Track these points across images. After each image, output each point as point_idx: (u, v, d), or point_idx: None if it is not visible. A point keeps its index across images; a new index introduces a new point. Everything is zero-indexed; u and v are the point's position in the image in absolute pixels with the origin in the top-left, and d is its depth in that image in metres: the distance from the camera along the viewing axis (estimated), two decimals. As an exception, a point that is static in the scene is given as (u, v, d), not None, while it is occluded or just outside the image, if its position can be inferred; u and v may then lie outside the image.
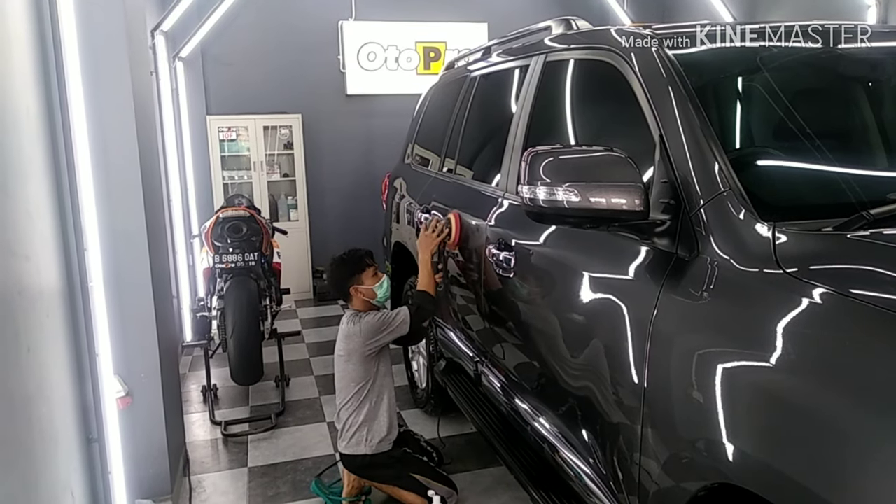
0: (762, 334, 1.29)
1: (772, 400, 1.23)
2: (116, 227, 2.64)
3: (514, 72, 2.90)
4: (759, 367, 1.27)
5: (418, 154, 4.25)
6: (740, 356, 1.31)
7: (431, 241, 2.96)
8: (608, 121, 2.22)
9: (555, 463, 2.14)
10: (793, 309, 1.28)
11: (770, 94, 1.79)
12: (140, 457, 2.80)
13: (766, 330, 1.29)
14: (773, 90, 1.78)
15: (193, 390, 4.40)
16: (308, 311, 6.32)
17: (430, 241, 2.96)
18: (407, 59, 6.79)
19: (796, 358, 1.21)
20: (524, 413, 2.38)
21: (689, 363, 1.44)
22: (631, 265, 1.76)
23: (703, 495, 1.38)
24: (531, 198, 1.73)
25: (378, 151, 6.76)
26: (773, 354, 1.24)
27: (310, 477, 3.23)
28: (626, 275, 1.77)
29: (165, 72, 5.16)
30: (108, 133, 2.61)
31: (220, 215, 4.24)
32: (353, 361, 2.87)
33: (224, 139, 6.46)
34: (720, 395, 1.34)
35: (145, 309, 2.81)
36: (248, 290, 4.01)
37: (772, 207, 1.50)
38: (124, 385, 2.75)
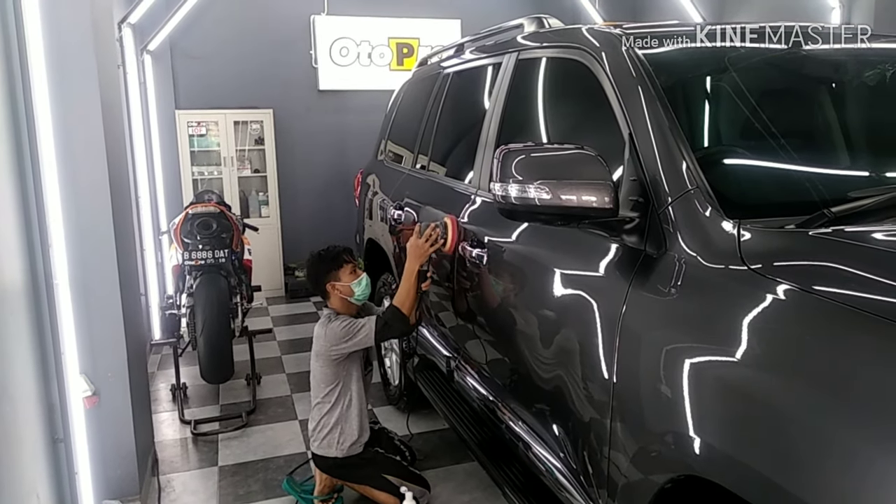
0: (727, 330, 1.32)
1: (736, 394, 1.26)
2: (82, 223, 2.59)
3: (486, 69, 2.91)
4: (725, 362, 1.30)
5: (391, 150, 4.24)
6: (706, 351, 1.34)
7: (423, 251, 2.67)
8: (579, 119, 2.24)
9: (527, 459, 2.15)
10: (757, 305, 1.30)
11: (737, 94, 1.83)
12: (107, 457, 2.76)
13: (730, 325, 1.32)
14: (740, 90, 1.82)
15: (162, 389, 4.34)
16: (280, 308, 6.27)
17: (423, 250, 2.67)
18: (380, 54, 6.77)
19: (760, 353, 1.24)
20: (496, 409, 2.39)
21: (657, 358, 1.46)
22: (600, 262, 1.78)
23: (669, 488, 1.41)
24: (503, 195, 1.74)
25: (351, 148, 6.73)
26: (738, 349, 1.27)
27: (281, 475, 3.20)
28: (596, 271, 1.79)
29: (133, 65, 5.07)
30: (74, 127, 2.55)
31: (189, 212, 4.18)
32: (320, 363, 2.85)
33: (194, 134, 6.37)
34: (686, 389, 1.37)
35: (112, 306, 2.76)
36: (219, 287, 3.96)
37: (737, 205, 1.53)
38: (90, 384, 2.70)
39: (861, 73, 2.09)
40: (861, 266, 1.22)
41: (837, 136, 1.95)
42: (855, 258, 1.26)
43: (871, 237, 1.35)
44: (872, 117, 2.08)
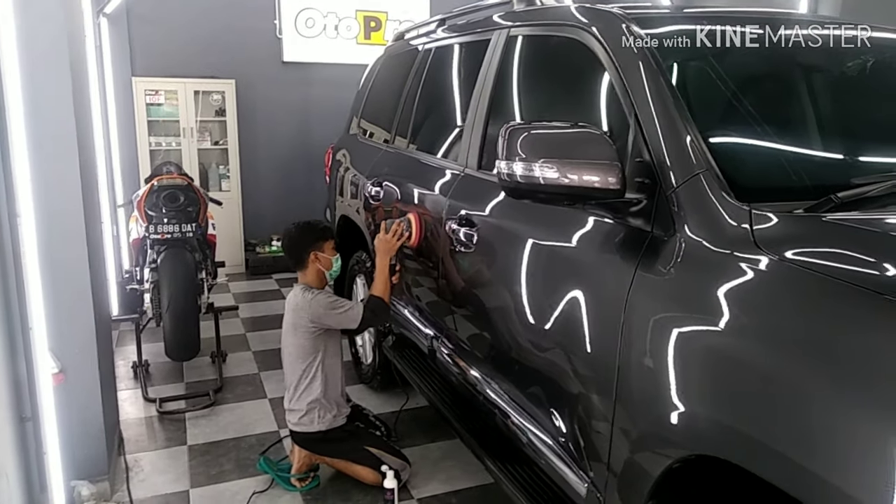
0: (742, 313, 1.33)
1: (752, 374, 1.27)
2: (51, 194, 2.46)
3: (473, 46, 2.87)
4: (741, 344, 1.31)
5: (364, 129, 4.16)
6: (721, 334, 1.35)
7: (391, 246, 2.83)
8: (575, 98, 2.22)
9: (523, 443, 2.15)
10: (772, 289, 1.32)
11: (740, 74, 1.83)
12: (75, 436, 2.65)
13: (746, 309, 1.33)
14: (744, 70, 1.82)
15: (122, 366, 4.19)
16: (241, 284, 6.13)
17: (390, 245, 2.82)
18: (347, 27, 6.62)
19: (779, 336, 1.25)
20: (485, 389, 2.39)
21: (665, 339, 1.47)
22: (604, 242, 1.78)
23: (677, 467, 1.43)
24: (508, 173, 1.72)
25: (316, 122, 6.59)
26: (755, 332, 1.29)
27: (254, 454, 3.15)
28: (600, 252, 1.79)
29: (89, 28, 4.82)
30: (42, 87, 2.42)
31: (154, 183, 4.02)
32: (298, 336, 2.81)
33: (151, 103, 6.12)
34: (699, 370, 1.39)
35: (81, 281, 2.65)
36: (185, 262, 3.84)
37: (744, 188, 1.54)
38: (57, 361, 2.59)
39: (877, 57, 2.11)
40: (879, 252, 1.24)
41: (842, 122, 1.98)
42: (873, 244, 1.28)
43: (886, 223, 1.37)
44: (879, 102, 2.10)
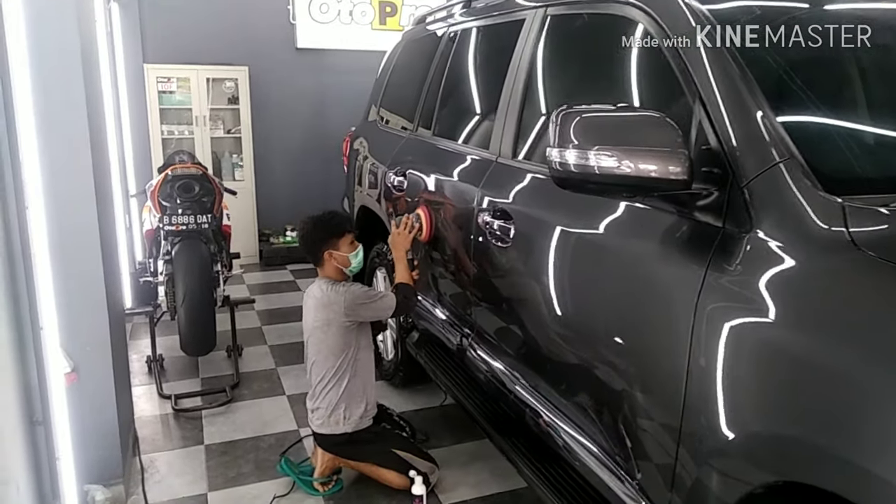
0: (842, 320, 1.18)
1: (856, 394, 1.12)
2: (61, 184, 2.33)
3: (504, 28, 2.70)
4: (842, 358, 1.15)
5: (384, 116, 4.00)
6: (818, 345, 1.19)
7: (404, 239, 2.84)
8: (623, 81, 2.05)
9: (564, 451, 2.01)
10: (873, 291, 1.17)
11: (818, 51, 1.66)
12: (88, 438, 2.53)
13: (846, 316, 1.18)
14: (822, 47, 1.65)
15: (135, 360, 4.07)
16: (255, 276, 6.00)
17: (403, 239, 2.84)
18: (361, 12, 6.45)
19: (887, 346, 1.10)
20: (523, 391, 2.24)
21: (747, 350, 1.32)
22: (668, 240, 1.62)
23: (760, 493, 1.28)
24: (561, 162, 1.56)
25: (331, 109, 6.44)
26: (859, 344, 1.13)
27: (273, 455, 3.02)
28: (662, 250, 1.63)
29: (100, 13, 4.67)
30: (52, 75, 2.28)
31: (168, 173, 3.89)
32: (331, 332, 2.67)
33: (163, 90, 5.98)
34: (788, 386, 1.23)
35: (94, 274, 2.52)
36: (200, 254, 3.71)
37: (831, 179, 1.38)
38: (69, 360, 2.46)
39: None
40: None
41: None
42: None
43: None
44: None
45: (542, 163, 2.19)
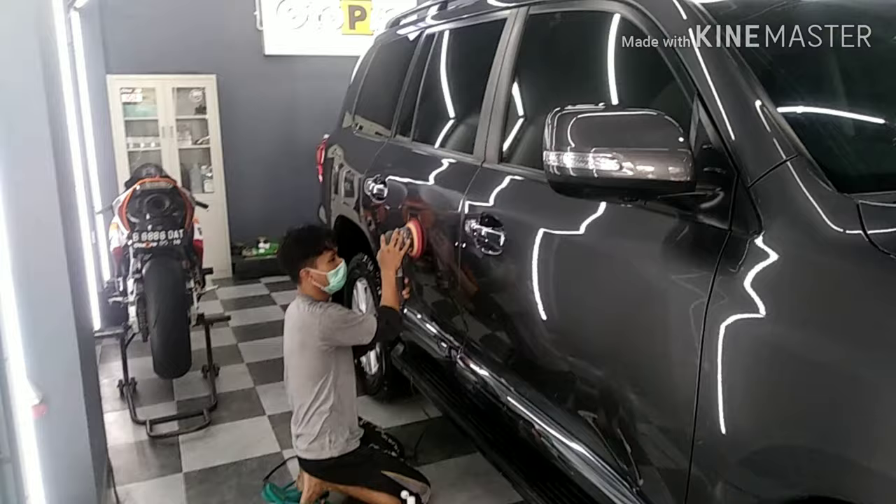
0: (861, 324, 1.12)
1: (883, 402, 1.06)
2: (24, 201, 2.19)
3: (484, 28, 2.63)
4: (864, 362, 1.09)
5: (359, 123, 3.91)
6: (840, 352, 1.13)
7: (395, 257, 2.63)
8: (616, 80, 1.99)
9: (560, 462, 1.94)
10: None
11: (819, 46, 1.61)
12: (60, 473, 2.36)
13: (865, 320, 1.12)
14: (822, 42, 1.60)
15: (106, 385, 3.89)
16: (229, 290, 5.84)
17: (394, 256, 2.63)
18: (330, 17, 6.33)
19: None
20: (517, 403, 2.16)
21: (762, 359, 1.25)
22: (672, 244, 1.55)
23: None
24: (558, 166, 1.49)
25: (302, 117, 6.31)
26: (884, 349, 1.07)
27: (256, 480, 2.90)
28: (666, 256, 1.56)
29: (60, 23, 4.50)
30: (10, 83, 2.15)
31: (137, 187, 3.73)
32: (307, 356, 2.55)
33: (128, 101, 5.80)
34: (808, 395, 1.17)
35: (61, 297, 2.36)
36: (172, 271, 3.57)
37: (842, 176, 1.33)
38: (38, 391, 2.32)
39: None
40: None
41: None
42: None
43: None
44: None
45: (531, 166, 2.13)
